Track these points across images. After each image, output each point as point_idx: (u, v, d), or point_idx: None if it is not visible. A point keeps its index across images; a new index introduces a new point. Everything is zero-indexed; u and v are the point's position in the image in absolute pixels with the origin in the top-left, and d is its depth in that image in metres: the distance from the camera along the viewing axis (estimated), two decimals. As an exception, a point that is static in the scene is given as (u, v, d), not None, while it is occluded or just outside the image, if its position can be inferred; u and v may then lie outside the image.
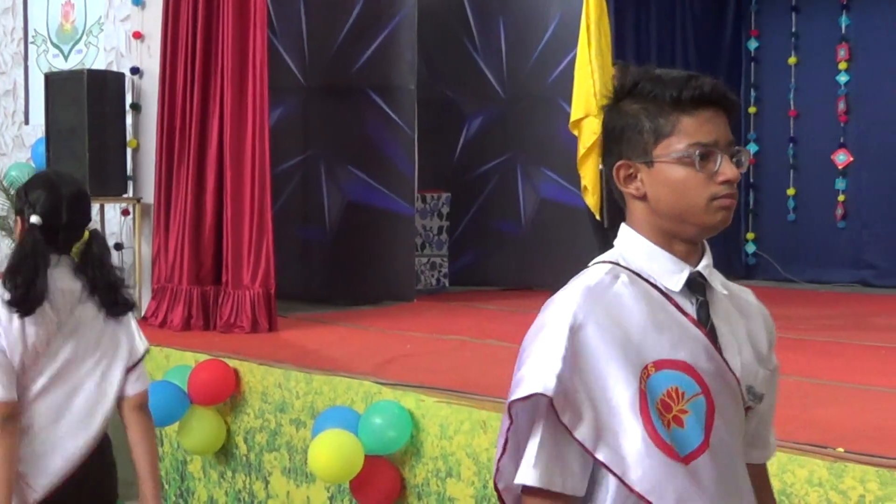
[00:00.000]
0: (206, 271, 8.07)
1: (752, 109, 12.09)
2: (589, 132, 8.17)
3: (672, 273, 2.28)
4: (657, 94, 2.24)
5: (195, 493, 6.97)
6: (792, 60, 11.81)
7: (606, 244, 8.14)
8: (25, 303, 3.70)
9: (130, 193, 9.09)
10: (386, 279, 9.45)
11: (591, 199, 8.17)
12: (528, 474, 2.17)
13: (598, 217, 8.17)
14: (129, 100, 9.07)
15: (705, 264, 2.30)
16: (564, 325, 2.18)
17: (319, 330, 7.89)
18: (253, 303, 7.74)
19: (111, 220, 9.47)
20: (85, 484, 3.90)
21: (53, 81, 9.02)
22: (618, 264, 2.30)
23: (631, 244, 2.32)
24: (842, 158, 11.45)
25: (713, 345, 2.27)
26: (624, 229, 2.35)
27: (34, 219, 3.75)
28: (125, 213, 9.29)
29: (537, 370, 2.16)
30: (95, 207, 9.22)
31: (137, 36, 9.22)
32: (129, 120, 9.04)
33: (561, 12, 10.25)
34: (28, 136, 10.69)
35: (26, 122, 10.88)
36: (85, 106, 8.62)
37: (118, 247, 9.34)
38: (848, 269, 11.21)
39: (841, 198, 11.48)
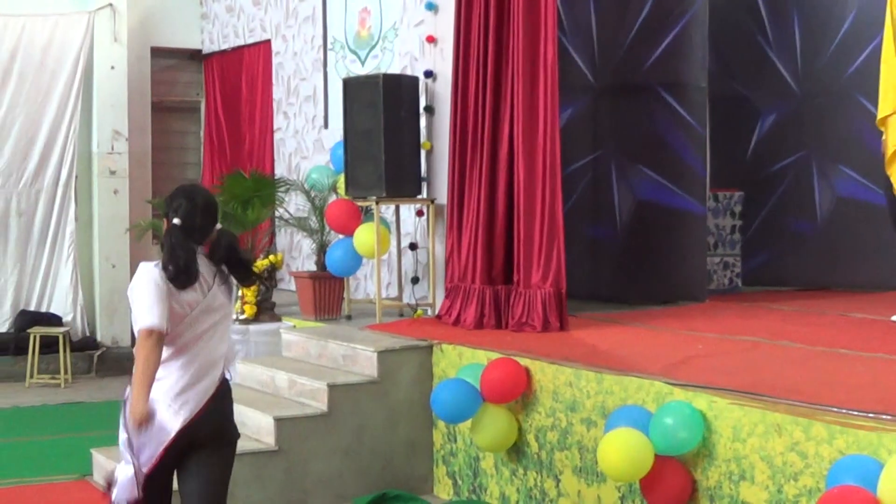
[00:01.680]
0: (498, 271, 8.15)
1: None
2: (900, 130, 7.77)
3: None
4: None
5: (488, 489, 7.08)
6: None
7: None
8: (181, 280, 4.68)
9: (424, 194, 9.30)
10: (677, 279, 9.34)
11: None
12: None
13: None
14: (422, 102, 9.28)
15: None
16: None
17: (610, 329, 7.87)
18: (544, 302, 7.77)
19: (406, 220, 9.71)
20: (214, 418, 4.84)
21: (351, 86, 9.30)
22: None
23: None
24: None
25: None
26: None
27: (176, 220, 4.77)
28: (419, 213, 9.50)
29: None
30: (391, 208, 9.49)
31: (431, 40, 9.43)
32: (422, 122, 9.25)
33: (859, 3, 9.92)
34: (327, 140, 11.08)
35: (325, 125, 11.29)
36: (380, 109, 8.86)
37: (413, 246, 9.56)
38: None
39: None
